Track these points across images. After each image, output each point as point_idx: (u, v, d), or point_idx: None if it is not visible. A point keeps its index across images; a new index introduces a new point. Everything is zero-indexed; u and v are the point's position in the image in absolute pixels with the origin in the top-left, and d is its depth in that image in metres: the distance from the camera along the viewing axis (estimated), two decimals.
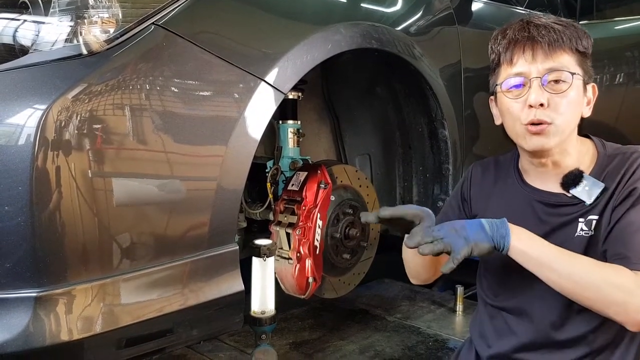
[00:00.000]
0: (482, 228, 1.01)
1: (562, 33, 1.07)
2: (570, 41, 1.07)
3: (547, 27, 1.07)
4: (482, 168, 1.30)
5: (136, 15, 1.17)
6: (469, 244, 0.98)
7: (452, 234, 1.00)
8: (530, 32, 1.08)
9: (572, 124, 1.09)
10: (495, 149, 1.99)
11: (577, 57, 1.08)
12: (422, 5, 1.80)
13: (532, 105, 1.06)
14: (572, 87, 1.06)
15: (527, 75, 1.08)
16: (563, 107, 1.06)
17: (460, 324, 2.12)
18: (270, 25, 1.39)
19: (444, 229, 1.01)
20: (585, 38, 1.10)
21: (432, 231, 1.01)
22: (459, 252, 0.97)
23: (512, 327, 1.17)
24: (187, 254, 1.22)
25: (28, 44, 1.20)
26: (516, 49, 1.09)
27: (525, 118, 1.08)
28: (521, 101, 1.09)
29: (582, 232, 1.09)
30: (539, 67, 1.07)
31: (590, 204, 1.08)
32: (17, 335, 1.02)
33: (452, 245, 0.98)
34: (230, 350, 1.88)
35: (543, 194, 1.15)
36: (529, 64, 1.08)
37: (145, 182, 1.15)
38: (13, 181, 1.02)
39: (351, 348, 1.90)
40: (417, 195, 2.05)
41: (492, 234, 1.01)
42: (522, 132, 1.10)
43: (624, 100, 2.62)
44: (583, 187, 1.09)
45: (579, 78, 1.08)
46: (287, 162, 1.81)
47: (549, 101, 1.06)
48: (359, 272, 1.93)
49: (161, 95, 1.15)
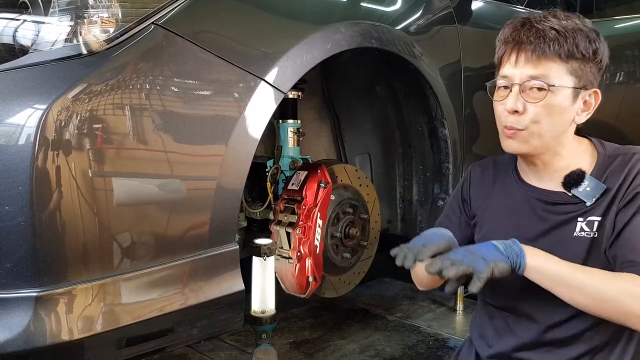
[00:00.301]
0: (496, 248, 1.01)
1: (552, 41, 1.04)
2: (561, 48, 1.04)
3: (539, 33, 1.05)
4: (480, 168, 1.30)
5: (136, 15, 1.17)
6: (489, 263, 0.97)
7: (470, 255, 0.99)
8: (521, 36, 1.06)
9: (552, 131, 1.08)
10: (495, 148, 1.97)
11: (569, 65, 1.05)
12: (422, 5, 1.80)
13: (508, 111, 1.07)
14: (553, 96, 1.05)
15: (511, 79, 1.08)
16: (539, 116, 1.06)
17: (460, 323, 2.12)
18: (270, 24, 1.39)
19: (459, 252, 1.01)
20: (587, 42, 1.06)
21: (450, 256, 1.00)
22: (481, 271, 0.96)
23: (511, 327, 1.17)
24: (187, 254, 1.22)
25: (28, 44, 1.20)
26: (506, 50, 1.09)
27: (504, 120, 1.09)
28: (503, 103, 1.09)
29: (582, 233, 1.08)
30: (523, 73, 1.06)
31: (590, 205, 1.09)
32: (18, 334, 1.03)
33: (474, 266, 0.97)
34: (231, 349, 1.88)
35: (541, 192, 1.15)
36: (513, 68, 1.07)
37: (145, 181, 1.15)
38: (13, 181, 1.02)
39: (351, 347, 1.90)
40: (417, 195, 2.05)
41: (507, 254, 1.00)
42: (501, 136, 1.12)
43: (624, 99, 2.62)
44: (584, 187, 1.09)
45: (562, 89, 1.05)
46: (287, 162, 1.81)
47: (525, 108, 1.06)
48: (359, 271, 1.93)
49: (161, 95, 1.15)
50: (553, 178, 1.13)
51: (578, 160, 1.13)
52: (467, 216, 1.29)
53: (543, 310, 1.12)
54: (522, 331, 1.15)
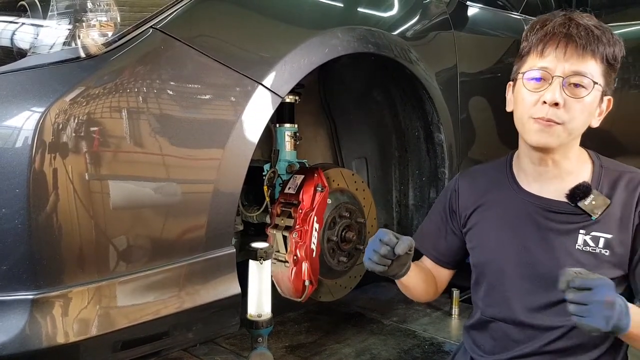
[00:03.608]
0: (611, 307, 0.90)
1: (599, 39, 1.05)
2: (605, 49, 1.05)
3: (587, 29, 1.05)
4: (469, 178, 1.29)
5: (134, 18, 1.17)
6: (609, 327, 0.89)
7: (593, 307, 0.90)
8: (570, 29, 1.05)
9: (580, 129, 1.09)
10: (490, 152, 2.00)
11: (603, 67, 1.07)
12: (418, 10, 1.81)
13: (547, 102, 1.05)
14: (590, 95, 1.05)
15: (552, 71, 1.06)
16: (576, 112, 1.05)
17: (455, 327, 2.12)
18: (268, 29, 1.39)
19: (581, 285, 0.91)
20: (618, 48, 1.08)
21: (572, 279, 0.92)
22: (600, 328, 0.89)
23: (511, 337, 1.16)
24: (184, 257, 1.22)
25: (26, 47, 1.20)
26: (550, 42, 1.07)
27: (537, 113, 1.07)
28: (537, 95, 1.07)
29: (587, 247, 1.08)
30: (566, 67, 1.05)
31: (594, 219, 1.08)
32: (14, 337, 1.02)
33: (597, 326, 0.89)
34: (227, 353, 1.87)
35: (541, 200, 1.15)
36: (557, 61, 1.06)
37: (142, 185, 1.15)
38: (10, 184, 1.02)
39: (347, 351, 1.90)
40: (413, 199, 2.06)
41: (618, 322, 0.90)
42: (529, 126, 1.09)
43: (618, 106, 2.64)
44: (590, 201, 1.09)
45: (599, 88, 1.07)
46: (284, 165, 1.82)
47: (565, 102, 1.05)
48: (356, 275, 1.94)
49: (159, 99, 1.16)
50: (555, 183, 1.13)
51: (580, 167, 1.14)
52: (454, 226, 1.28)
53: (545, 322, 1.11)
54: (524, 342, 1.14)
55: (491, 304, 1.21)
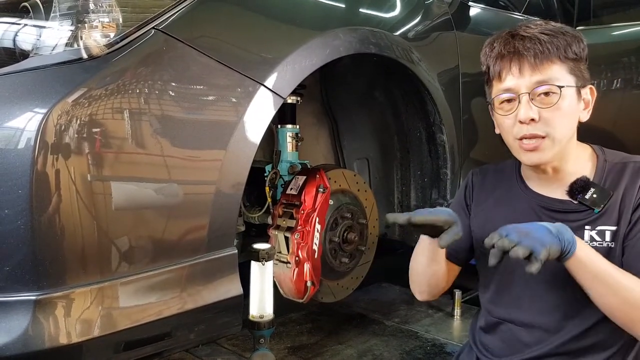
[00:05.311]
0: (548, 231, 0.97)
1: (548, 44, 1.05)
2: (558, 50, 1.06)
3: (532, 39, 1.06)
4: (481, 175, 1.30)
5: (136, 19, 1.18)
6: (545, 246, 0.94)
7: (525, 237, 0.94)
8: (516, 46, 1.07)
9: (567, 133, 1.09)
10: (493, 153, 2.00)
11: (567, 65, 1.07)
12: (420, 11, 1.81)
13: (522, 122, 1.06)
14: (563, 97, 1.05)
15: (516, 90, 1.07)
16: (556, 120, 1.06)
17: (458, 328, 2.12)
18: (270, 30, 1.39)
19: (509, 231, 0.96)
20: (576, 43, 1.08)
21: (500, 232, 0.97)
22: (539, 254, 0.93)
23: (521, 339, 1.15)
24: (185, 258, 1.22)
25: (29, 48, 1.21)
26: (503, 63, 1.08)
27: (518, 133, 1.08)
28: (512, 117, 1.08)
29: (594, 243, 1.07)
30: (527, 82, 1.06)
31: (598, 212, 1.08)
32: (17, 338, 1.03)
33: (532, 248, 0.93)
34: (229, 354, 1.88)
35: (548, 200, 1.15)
36: (516, 79, 1.07)
37: (144, 186, 1.15)
38: (13, 184, 1.02)
39: (349, 352, 1.90)
40: (415, 200, 2.06)
41: (560, 238, 0.97)
42: (517, 147, 1.10)
43: (621, 106, 2.64)
44: (591, 194, 1.08)
45: (569, 88, 1.07)
46: (285, 166, 1.82)
47: (540, 115, 1.05)
48: (357, 276, 1.94)
49: (161, 100, 1.16)
50: (561, 185, 1.13)
51: (583, 164, 1.13)
52: (468, 223, 1.29)
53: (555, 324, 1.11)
54: (533, 343, 1.13)
55: (500, 305, 1.20)
